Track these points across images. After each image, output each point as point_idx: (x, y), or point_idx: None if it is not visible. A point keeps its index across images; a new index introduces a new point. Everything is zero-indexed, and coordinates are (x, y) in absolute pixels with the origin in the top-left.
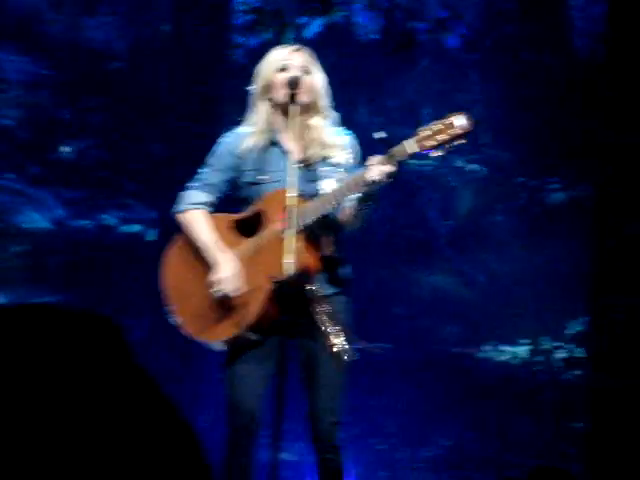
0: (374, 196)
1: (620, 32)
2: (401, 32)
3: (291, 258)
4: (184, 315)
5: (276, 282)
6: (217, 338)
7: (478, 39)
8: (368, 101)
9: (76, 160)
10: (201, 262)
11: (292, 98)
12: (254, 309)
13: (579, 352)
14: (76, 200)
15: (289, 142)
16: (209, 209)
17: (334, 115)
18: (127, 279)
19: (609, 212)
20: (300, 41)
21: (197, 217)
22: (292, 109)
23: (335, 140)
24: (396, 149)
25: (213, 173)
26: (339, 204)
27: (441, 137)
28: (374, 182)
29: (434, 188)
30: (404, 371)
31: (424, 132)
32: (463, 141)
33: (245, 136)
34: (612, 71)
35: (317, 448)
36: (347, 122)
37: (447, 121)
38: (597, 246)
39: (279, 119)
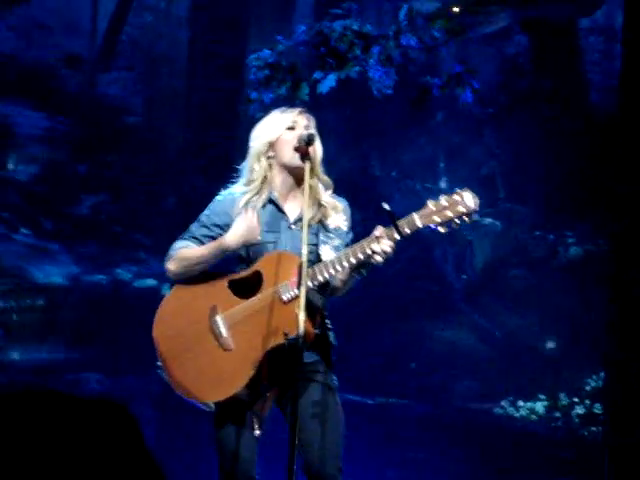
0: (370, 265)
1: (634, 85)
2: (415, 87)
3: (304, 315)
4: (177, 372)
5: (288, 339)
6: (210, 399)
7: (492, 94)
8: (382, 155)
9: (91, 215)
10: (197, 317)
11: (304, 155)
12: (248, 370)
13: (596, 408)
14: (91, 255)
15: (286, 202)
16: None
17: (329, 180)
18: (142, 334)
19: (626, 266)
20: (315, 96)
21: (186, 248)
22: (304, 166)
23: (333, 203)
24: (404, 221)
25: (200, 228)
26: (342, 270)
27: (447, 214)
28: (382, 252)
29: (450, 242)
30: (420, 427)
31: (432, 207)
32: (467, 220)
33: (240, 195)
34: (627, 124)
35: None
36: (361, 175)
37: (455, 198)
38: (614, 300)
39: (279, 177)
